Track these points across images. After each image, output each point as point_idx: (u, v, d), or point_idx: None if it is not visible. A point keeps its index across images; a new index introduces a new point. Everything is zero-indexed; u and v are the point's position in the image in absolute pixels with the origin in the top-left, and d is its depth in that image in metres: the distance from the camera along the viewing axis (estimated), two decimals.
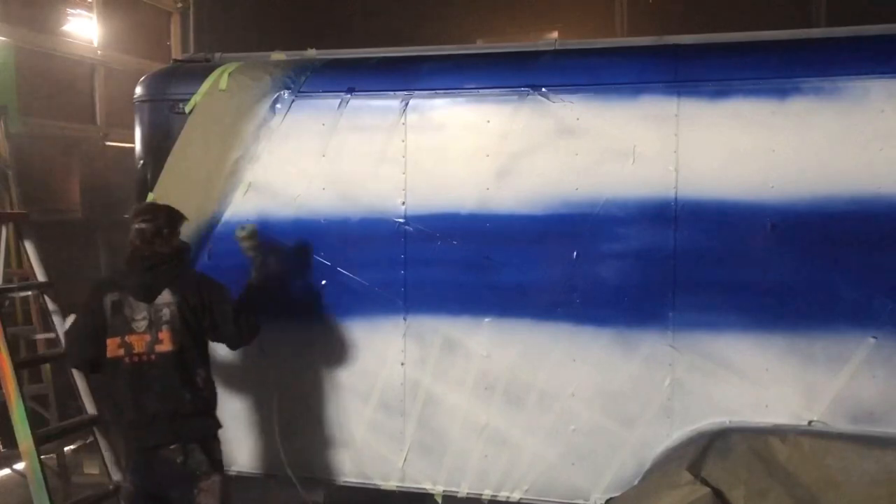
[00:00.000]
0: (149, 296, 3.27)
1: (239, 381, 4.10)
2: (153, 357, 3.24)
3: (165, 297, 3.27)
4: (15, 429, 3.69)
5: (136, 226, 3.35)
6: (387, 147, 3.87)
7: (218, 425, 3.40)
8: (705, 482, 3.22)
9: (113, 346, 3.25)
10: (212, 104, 4.07)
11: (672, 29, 4.05)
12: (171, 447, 3.23)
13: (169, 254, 3.35)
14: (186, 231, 4.06)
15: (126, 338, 3.24)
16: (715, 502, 3.14)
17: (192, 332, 3.30)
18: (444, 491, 3.88)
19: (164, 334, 3.24)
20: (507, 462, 3.78)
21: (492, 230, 3.73)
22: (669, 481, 3.27)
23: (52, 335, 4.17)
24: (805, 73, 3.43)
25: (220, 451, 3.40)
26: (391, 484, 3.93)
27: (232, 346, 3.56)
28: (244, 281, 3.89)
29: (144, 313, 3.25)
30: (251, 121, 4.01)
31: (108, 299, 3.28)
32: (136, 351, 3.23)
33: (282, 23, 7.54)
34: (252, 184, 4.03)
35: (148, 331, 3.24)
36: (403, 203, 3.84)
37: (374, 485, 3.96)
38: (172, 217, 3.43)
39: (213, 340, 3.47)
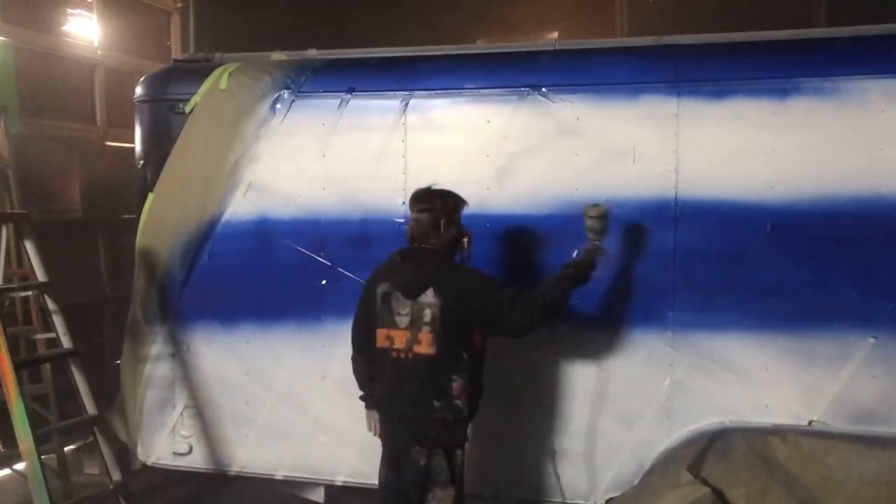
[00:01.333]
0: (413, 293, 3.15)
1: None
2: (410, 356, 3.15)
3: (429, 296, 3.12)
4: (15, 429, 3.69)
5: (412, 215, 3.27)
6: (387, 147, 3.87)
7: (464, 438, 3.24)
8: (705, 482, 3.22)
9: (381, 338, 3.22)
10: (212, 104, 4.07)
11: (672, 29, 4.05)
12: (416, 448, 3.16)
13: (440, 248, 3.23)
14: (186, 231, 4.11)
15: (390, 331, 3.19)
16: (715, 502, 3.14)
17: (453, 338, 3.13)
18: None
19: (424, 336, 3.12)
20: (507, 462, 3.78)
21: (492, 230, 3.73)
22: (670, 482, 3.27)
23: (52, 335, 4.16)
24: (805, 73, 3.43)
25: (461, 465, 3.23)
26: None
27: (516, 336, 3.25)
28: (245, 281, 3.90)
29: (408, 310, 3.15)
30: (251, 121, 4.01)
31: (381, 288, 3.24)
32: (396, 346, 3.17)
33: (282, 22, 7.54)
34: (252, 184, 4.03)
35: (409, 328, 3.14)
36: (403, 203, 3.84)
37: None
38: (448, 205, 3.26)
39: (494, 335, 3.26)
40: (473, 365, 3.21)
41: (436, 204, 3.24)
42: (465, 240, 3.28)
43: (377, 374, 3.31)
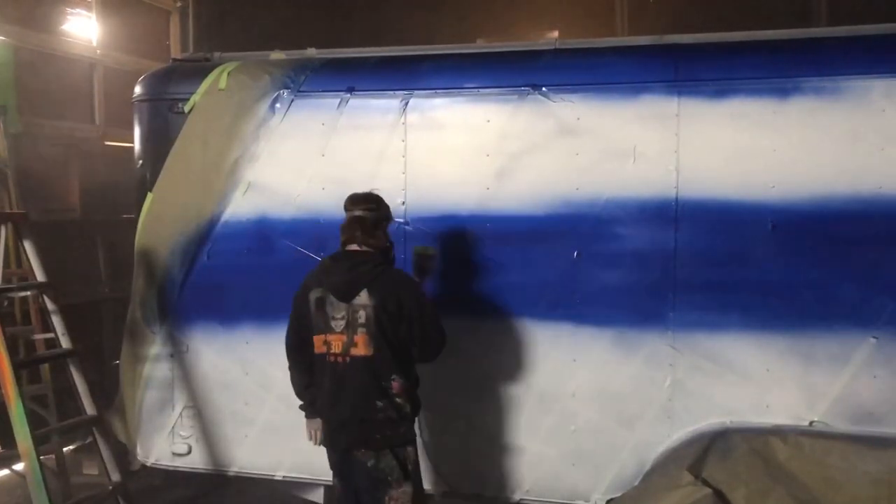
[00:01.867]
0: (347, 295, 3.15)
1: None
2: (347, 359, 3.14)
3: (363, 298, 3.13)
4: (14, 429, 3.68)
5: (355, 213, 3.24)
6: (387, 147, 3.86)
7: (411, 434, 3.25)
8: (706, 483, 3.21)
9: (318, 344, 3.21)
10: (211, 104, 4.06)
11: (672, 28, 4.04)
12: (362, 451, 3.16)
13: (374, 251, 3.23)
14: (186, 231, 4.10)
15: (327, 336, 3.17)
16: (716, 503, 3.13)
17: (388, 338, 3.14)
18: (444, 491, 3.87)
19: (360, 338, 3.12)
20: (507, 463, 3.77)
21: (492, 230, 3.73)
22: (670, 482, 3.26)
23: (51, 335, 4.15)
24: (806, 73, 3.42)
25: (414, 462, 3.26)
26: None
27: (421, 360, 3.31)
28: (245, 281, 3.90)
29: (343, 313, 3.15)
30: (250, 120, 4.01)
31: (314, 294, 3.22)
32: (333, 351, 3.16)
33: (281, 22, 7.53)
34: (252, 183, 4.02)
35: (345, 332, 3.14)
36: (403, 203, 3.84)
37: None
38: (387, 209, 3.32)
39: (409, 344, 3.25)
40: (408, 361, 3.25)
41: (381, 205, 3.29)
42: (391, 246, 3.35)
43: (317, 381, 3.29)
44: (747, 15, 6.42)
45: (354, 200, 3.29)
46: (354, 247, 3.24)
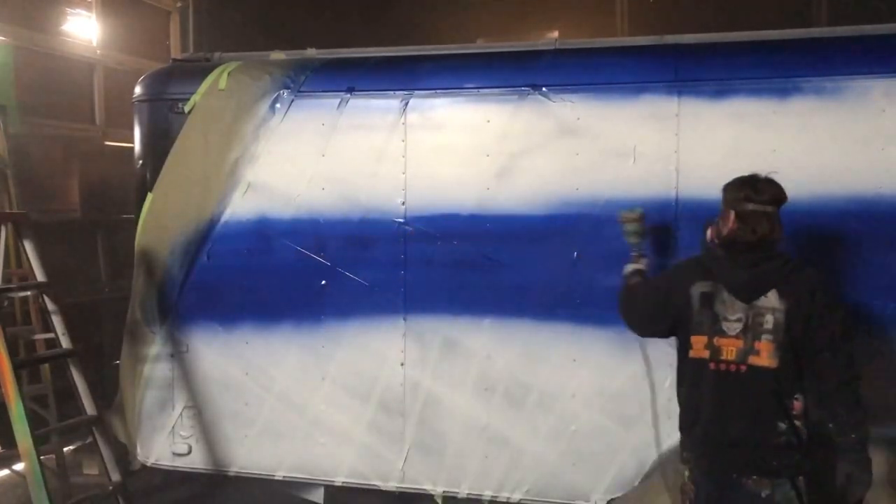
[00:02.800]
0: (751, 295, 2.75)
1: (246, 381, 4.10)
2: (743, 368, 2.73)
3: (771, 300, 2.71)
4: (14, 429, 3.68)
5: (753, 207, 2.76)
6: (386, 147, 3.86)
7: (807, 464, 2.78)
8: None
9: (699, 346, 2.80)
10: (211, 104, 4.06)
11: (673, 28, 4.04)
12: (754, 478, 2.73)
13: (777, 245, 2.80)
14: (186, 231, 4.10)
15: (714, 340, 2.77)
16: None
17: (797, 350, 2.72)
18: (444, 492, 3.87)
19: (764, 345, 2.70)
20: (507, 463, 3.77)
21: (492, 230, 3.73)
22: (672, 483, 3.26)
23: (51, 335, 4.15)
24: (806, 73, 3.42)
25: (826, 489, 2.81)
26: (391, 484, 3.93)
27: (824, 387, 2.74)
28: (245, 281, 3.89)
29: (740, 315, 2.75)
30: (251, 120, 4.00)
31: (697, 288, 2.81)
32: (723, 357, 2.75)
33: (281, 22, 7.53)
34: (252, 184, 4.02)
35: (741, 336, 2.73)
36: (403, 203, 3.84)
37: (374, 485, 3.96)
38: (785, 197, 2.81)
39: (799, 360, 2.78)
40: (811, 379, 2.79)
41: (783, 194, 2.82)
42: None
43: (688, 390, 2.88)
44: (747, 15, 6.42)
45: (756, 188, 2.80)
46: (751, 239, 2.77)
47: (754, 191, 2.78)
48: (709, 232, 2.96)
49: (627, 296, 3.19)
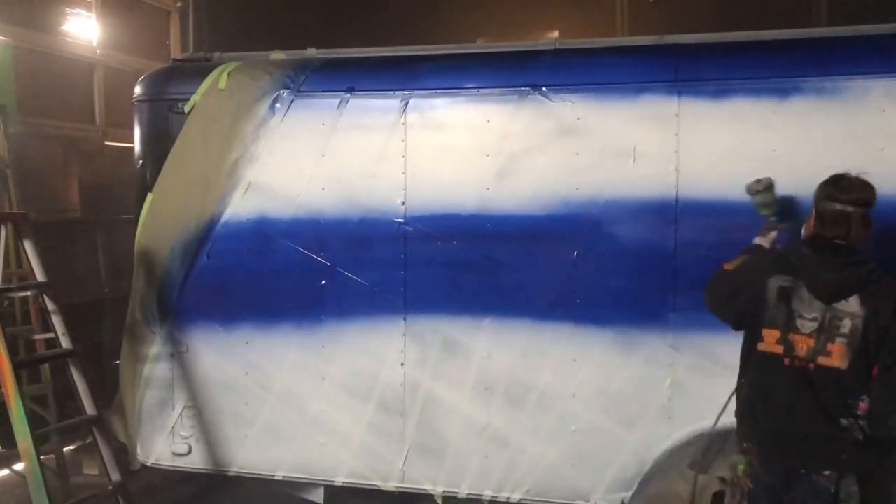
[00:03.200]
0: (832, 297, 2.69)
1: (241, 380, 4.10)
2: (811, 367, 2.71)
3: (852, 305, 2.67)
4: (14, 429, 3.68)
5: (833, 207, 2.72)
6: (386, 147, 3.86)
7: (875, 464, 2.75)
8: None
9: (771, 340, 2.78)
10: (211, 104, 4.06)
11: (673, 28, 4.04)
12: (826, 473, 2.71)
13: (861, 249, 2.74)
14: (186, 231, 4.10)
15: (788, 335, 2.74)
16: (721, 486, 3.13)
17: (870, 355, 2.66)
18: (444, 492, 3.87)
19: (836, 347, 2.67)
20: (507, 463, 3.77)
21: (492, 230, 3.73)
22: (675, 483, 3.26)
23: (51, 335, 4.15)
24: (806, 73, 3.42)
25: (890, 489, 2.83)
26: (391, 485, 3.93)
27: (877, 415, 2.67)
28: (245, 281, 3.89)
29: (817, 314, 2.71)
30: (251, 120, 4.00)
31: (775, 282, 2.77)
32: (796, 353, 2.73)
33: (281, 21, 7.53)
34: (252, 184, 4.02)
35: (814, 335, 2.70)
36: (403, 203, 3.84)
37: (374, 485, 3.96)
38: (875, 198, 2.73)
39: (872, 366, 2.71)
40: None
41: (873, 195, 2.75)
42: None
43: (753, 382, 2.87)
44: (747, 15, 6.42)
45: (843, 187, 2.75)
46: (828, 237, 2.74)
47: (837, 189, 2.74)
48: (803, 229, 2.92)
49: (714, 274, 3.08)
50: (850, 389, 2.69)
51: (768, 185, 3.21)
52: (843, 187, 2.75)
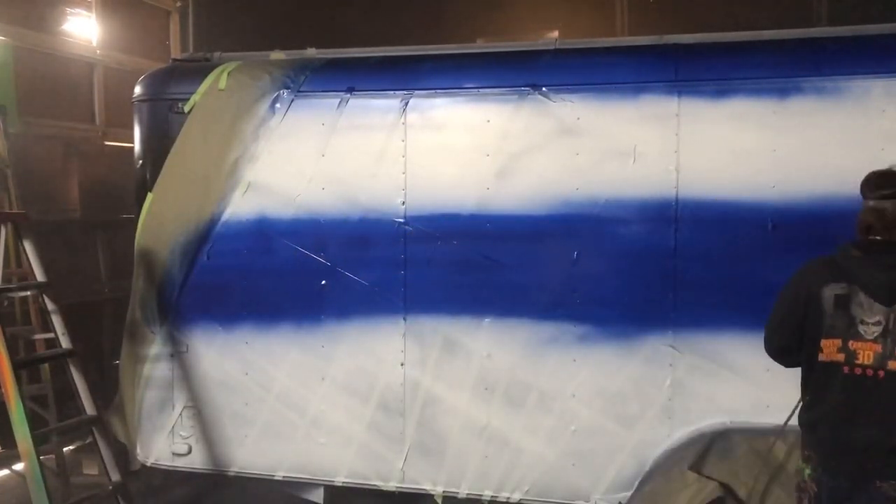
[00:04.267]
0: (892, 297, 2.59)
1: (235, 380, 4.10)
2: (881, 374, 2.59)
3: None
4: (14, 429, 3.67)
5: (873, 204, 2.64)
6: (386, 147, 3.86)
7: None
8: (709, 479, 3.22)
9: (831, 350, 2.67)
10: (211, 103, 4.06)
11: (673, 28, 4.04)
12: (891, 482, 2.61)
13: None
14: (186, 231, 4.10)
15: (849, 343, 2.64)
16: (723, 492, 3.12)
17: None
18: (444, 492, 3.87)
19: None
20: (507, 463, 3.77)
21: (492, 230, 3.73)
22: (676, 485, 3.26)
23: (51, 335, 4.15)
24: (806, 73, 3.42)
25: None
26: (391, 485, 3.93)
27: None
28: (245, 281, 3.88)
29: (879, 318, 2.59)
30: (250, 120, 4.01)
31: (830, 290, 2.67)
32: (859, 361, 2.62)
33: (282, 22, 7.53)
34: (251, 183, 4.02)
35: (880, 340, 2.59)
36: (403, 203, 3.84)
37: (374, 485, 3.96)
38: None
39: None
40: None
41: None
42: None
43: (814, 392, 2.78)
44: (747, 15, 6.42)
45: (876, 184, 2.68)
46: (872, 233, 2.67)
47: (875, 185, 2.68)
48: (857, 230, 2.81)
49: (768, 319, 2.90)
50: None
51: None
52: (877, 184, 2.67)
